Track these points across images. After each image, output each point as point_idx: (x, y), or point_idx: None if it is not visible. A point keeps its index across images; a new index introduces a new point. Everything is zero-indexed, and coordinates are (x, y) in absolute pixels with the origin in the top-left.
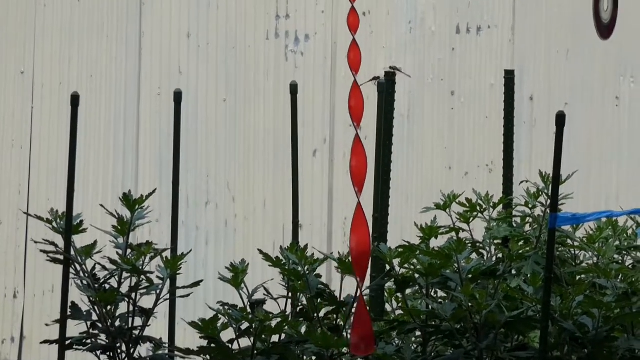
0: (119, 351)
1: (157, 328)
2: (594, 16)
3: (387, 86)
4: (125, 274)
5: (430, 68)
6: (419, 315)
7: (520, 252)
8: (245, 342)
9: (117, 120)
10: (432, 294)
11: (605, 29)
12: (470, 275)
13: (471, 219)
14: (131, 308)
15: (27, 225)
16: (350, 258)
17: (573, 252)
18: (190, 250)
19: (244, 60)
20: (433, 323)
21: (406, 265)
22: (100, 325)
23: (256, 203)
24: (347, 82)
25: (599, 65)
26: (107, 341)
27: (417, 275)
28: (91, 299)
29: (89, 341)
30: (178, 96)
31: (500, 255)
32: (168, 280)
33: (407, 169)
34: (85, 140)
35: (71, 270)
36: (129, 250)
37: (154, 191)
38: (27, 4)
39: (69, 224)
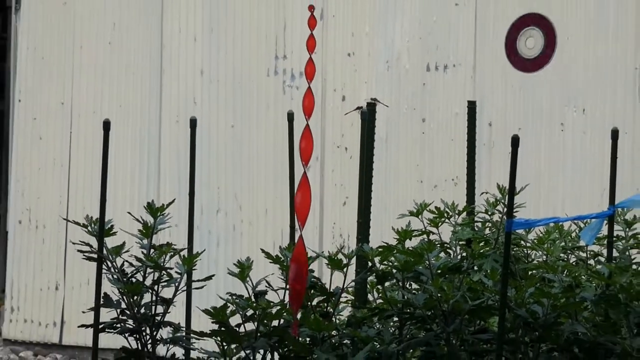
0: (144, 334)
1: (176, 314)
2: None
3: (368, 114)
4: (148, 270)
5: (404, 99)
6: (396, 304)
7: (481, 251)
8: (250, 326)
9: (142, 143)
10: (407, 286)
11: (530, 64)
12: (439, 271)
13: (440, 224)
14: (154, 298)
15: (66, 229)
16: (337, 256)
17: (526, 252)
18: (204, 250)
19: (248, 93)
20: (408, 310)
21: (385, 262)
22: (128, 312)
23: (259, 211)
24: (335, 111)
25: (547, 96)
26: (134, 325)
27: (394, 271)
28: (120, 290)
29: (118, 325)
30: (193, 123)
31: (464, 254)
32: (185, 275)
33: (385, 183)
34: (116, 159)
35: (103, 267)
36: (152, 250)
37: (173, 201)
38: (66, 46)
39: (101, 228)
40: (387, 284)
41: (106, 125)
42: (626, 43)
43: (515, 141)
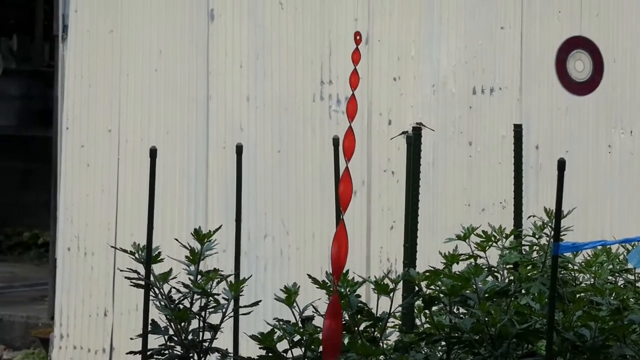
0: None
1: (224, 341)
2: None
3: (414, 139)
4: (196, 296)
5: (451, 123)
6: (443, 328)
7: (528, 275)
8: (297, 351)
9: (189, 169)
10: (455, 310)
11: (578, 87)
12: (486, 295)
13: (487, 247)
14: (201, 324)
15: (115, 256)
16: (384, 280)
17: (573, 275)
18: (251, 276)
19: (294, 118)
20: (455, 335)
21: (432, 287)
22: (175, 338)
23: (306, 236)
24: (381, 135)
25: (593, 119)
26: (182, 352)
27: (441, 295)
28: (168, 317)
29: (166, 352)
30: (239, 149)
31: (511, 278)
32: (232, 301)
33: (433, 206)
34: (163, 185)
35: (151, 293)
36: (199, 276)
37: (219, 227)
38: (112, 73)
39: (148, 255)
40: (434, 308)
41: (153, 153)
42: None
43: (561, 165)
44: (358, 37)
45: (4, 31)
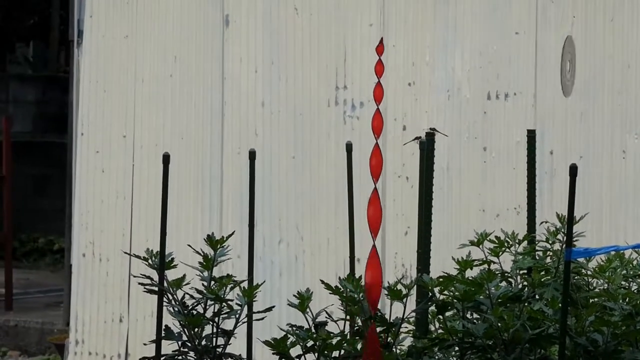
0: None
1: (238, 346)
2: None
3: (427, 144)
4: (209, 302)
5: (465, 128)
6: (456, 334)
7: (542, 280)
8: (311, 357)
9: (204, 174)
10: (468, 315)
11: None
12: (499, 300)
13: (500, 253)
14: (215, 330)
15: (130, 262)
16: (397, 286)
17: (587, 280)
18: (264, 282)
19: (309, 124)
20: (468, 340)
21: (445, 292)
22: (189, 344)
23: (321, 241)
24: (396, 141)
25: (608, 124)
26: (195, 358)
27: (454, 301)
28: (181, 322)
29: (179, 358)
30: (252, 155)
31: (525, 284)
32: (246, 306)
33: (447, 212)
34: (178, 191)
35: (165, 299)
36: (212, 282)
37: (232, 233)
38: (127, 79)
39: (162, 261)
40: (448, 313)
41: (165, 159)
42: None
43: (573, 170)
44: (380, 48)
45: (20, 37)
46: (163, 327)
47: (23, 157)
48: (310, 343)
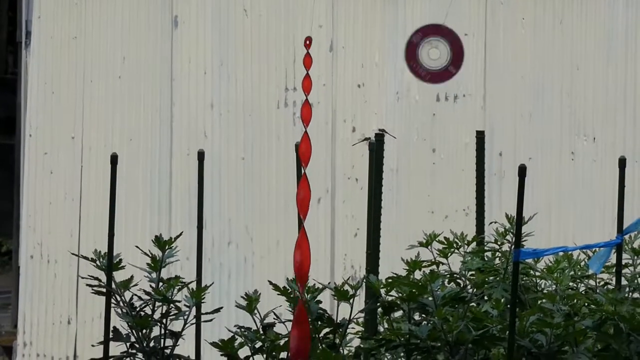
0: None
1: (187, 348)
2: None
3: (376, 145)
4: (157, 303)
5: (414, 130)
6: (403, 335)
7: (486, 280)
8: (259, 358)
9: (153, 176)
10: (416, 316)
11: (429, 75)
12: (444, 301)
13: (449, 254)
14: (163, 331)
15: (78, 263)
16: (344, 287)
17: (535, 281)
18: (212, 283)
19: (258, 125)
20: (414, 342)
21: (392, 293)
22: (137, 345)
23: (270, 242)
24: (345, 142)
25: (557, 126)
26: (144, 359)
27: (400, 302)
28: (129, 324)
29: (128, 359)
30: (201, 155)
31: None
32: (194, 307)
33: (396, 213)
34: (127, 192)
35: (113, 301)
36: (160, 284)
37: (180, 234)
38: (76, 80)
39: (109, 262)
40: (397, 314)
41: (113, 159)
42: (636, 67)
43: (522, 171)
44: (308, 42)
45: None
46: (111, 329)
47: None
48: (258, 344)
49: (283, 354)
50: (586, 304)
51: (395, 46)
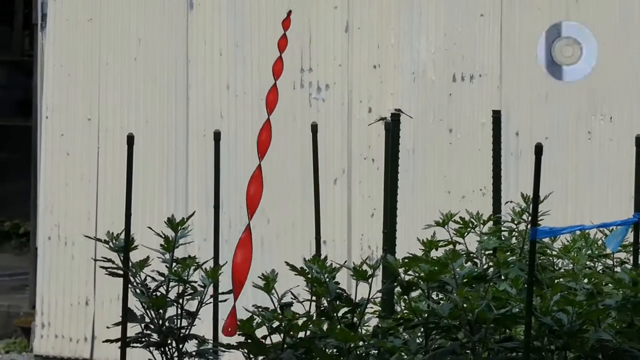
0: (169, 347)
1: (203, 328)
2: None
3: (392, 125)
4: (172, 283)
5: (431, 110)
6: (421, 314)
7: (508, 260)
8: (276, 338)
9: (169, 157)
10: (433, 296)
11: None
12: (464, 280)
13: (465, 234)
14: (179, 311)
15: (95, 244)
16: (362, 267)
17: (552, 260)
18: (226, 262)
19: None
20: (434, 320)
21: (410, 273)
22: (152, 326)
23: (287, 224)
24: (362, 122)
25: (574, 105)
26: (159, 339)
27: (419, 281)
28: (144, 304)
29: (144, 340)
30: (217, 135)
31: (490, 264)
32: (210, 287)
33: (413, 194)
34: (143, 174)
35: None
36: (174, 264)
37: (193, 214)
38: (92, 63)
39: (126, 243)
40: (414, 294)
41: (130, 140)
42: None
43: (538, 149)
44: (287, 22)
45: None
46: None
47: None
48: (275, 324)
49: (301, 334)
50: (606, 283)
51: (410, 27)
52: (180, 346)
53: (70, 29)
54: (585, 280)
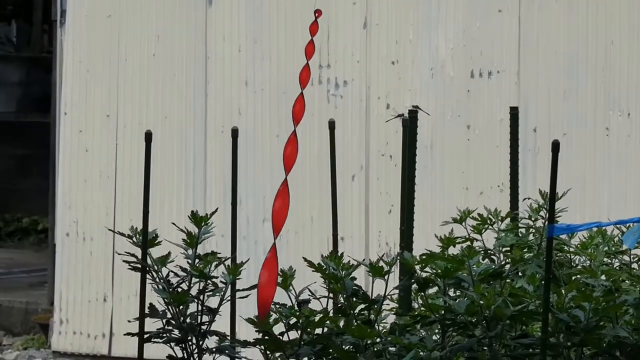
0: (189, 343)
1: (222, 324)
2: None
3: (410, 122)
4: (194, 280)
5: (449, 106)
6: (438, 311)
7: (525, 256)
8: (294, 334)
9: (187, 153)
10: (450, 293)
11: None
12: (480, 277)
13: (483, 230)
14: (199, 307)
15: (114, 240)
16: (379, 263)
17: (569, 257)
18: (248, 260)
19: (292, 102)
20: (450, 317)
21: (427, 270)
22: (173, 322)
23: (305, 219)
24: (380, 119)
25: (591, 102)
26: (180, 335)
27: (436, 278)
28: (166, 300)
29: (164, 335)
30: (235, 132)
31: (507, 261)
32: (229, 284)
33: (431, 190)
34: (162, 170)
35: (149, 277)
36: (197, 260)
37: (216, 210)
38: (110, 59)
39: (144, 238)
40: (430, 291)
41: (148, 137)
42: None
43: (555, 146)
44: (318, 15)
45: (2, 17)
46: (147, 305)
47: (6, 137)
48: (293, 320)
49: (318, 330)
50: (623, 279)
51: (428, 23)
52: (201, 342)
53: (89, 25)
54: (603, 277)
